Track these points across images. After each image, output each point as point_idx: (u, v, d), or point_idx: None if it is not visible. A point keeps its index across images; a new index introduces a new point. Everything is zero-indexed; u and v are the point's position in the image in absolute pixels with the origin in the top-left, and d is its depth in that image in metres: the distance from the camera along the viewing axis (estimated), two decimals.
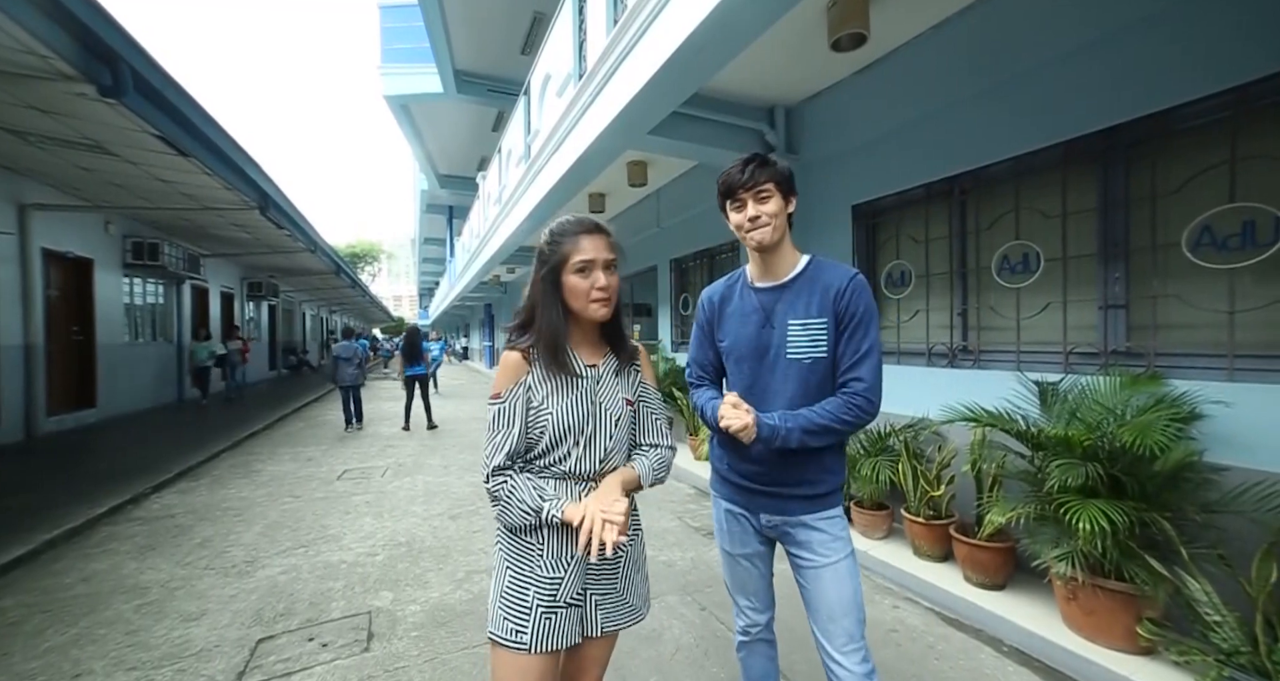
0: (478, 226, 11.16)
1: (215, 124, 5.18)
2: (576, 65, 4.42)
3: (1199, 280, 2.20)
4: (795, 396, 1.32)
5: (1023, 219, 2.81)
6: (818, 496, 1.35)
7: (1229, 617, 1.90)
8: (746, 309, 1.41)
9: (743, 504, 1.43)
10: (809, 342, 1.31)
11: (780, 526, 1.38)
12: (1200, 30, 2.13)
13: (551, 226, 1.18)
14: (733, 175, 1.33)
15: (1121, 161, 2.43)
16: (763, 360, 1.36)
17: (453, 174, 15.24)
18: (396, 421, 8.44)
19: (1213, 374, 2.15)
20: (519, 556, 1.15)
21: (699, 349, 1.54)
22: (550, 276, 1.14)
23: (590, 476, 1.17)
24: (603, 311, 1.13)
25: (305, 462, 5.81)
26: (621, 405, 1.20)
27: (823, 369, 1.31)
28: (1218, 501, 2.00)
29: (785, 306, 1.35)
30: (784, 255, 1.37)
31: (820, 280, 1.33)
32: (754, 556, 1.45)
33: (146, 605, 2.66)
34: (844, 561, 1.32)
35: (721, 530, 1.50)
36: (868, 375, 1.27)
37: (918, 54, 3.22)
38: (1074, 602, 2.16)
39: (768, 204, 1.31)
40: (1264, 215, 2.05)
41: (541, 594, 1.13)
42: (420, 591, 2.82)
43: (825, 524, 1.34)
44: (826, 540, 1.33)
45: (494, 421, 1.14)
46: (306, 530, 3.73)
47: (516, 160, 7.02)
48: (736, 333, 1.41)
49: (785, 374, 1.33)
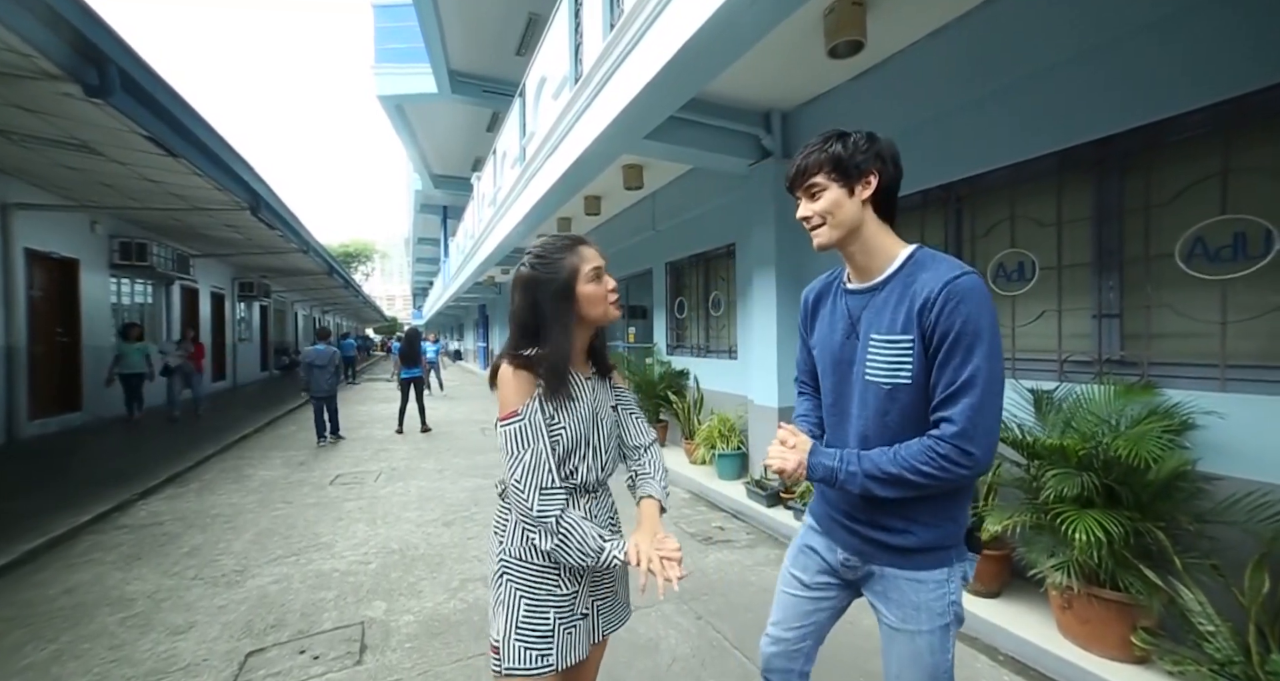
0: (472, 227, 11.10)
1: (205, 124, 5.10)
2: (573, 68, 4.40)
3: (1192, 290, 2.22)
4: (870, 427, 1.10)
5: (1018, 227, 2.82)
6: (902, 550, 1.11)
7: (1222, 627, 1.91)
8: (836, 314, 1.20)
9: (825, 529, 1.24)
10: (889, 364, 1.05)
11: (857, 569, 1.19)
12: (1194, 42, 2.15)
13: (534, 251, 1.16)
14: (788, 174, 1.17)
15: (1116, 171, 2.44)
16: (845, 377, 1.16)
17: (447, 174, 15.15)
18: (389, 424, 8.36)
19: (1205, 384, 2.16)
20: (536, 581, 1.14)
21: (800, 353, 1.38)
22: (563, 293, 1.12)
23: (594, 487, 1.19)
24: (616, 313, 1.16)
25: (297, 467, 5.74)
26: (609, 412, 1.24)
27: (906, 398, 1.05)
28: (1210, 511, 2.01)
29: (872, 315, 1.10)
30: (872, 251, 1.11)
31: (913, 285, 1.04)
32: (807, 586, 1.26)
33: (132, 617, 2.61)
34: (928, 635, 1.09)
35: (796, 547, 1.33)
36: (961, 416, 0.96)
37: (914, 61, 3.23)
38: (1069, 611, 2.17)
39: (819, 200, 1.10)
40: (1255, 227, 2.06)
41: (561, 611, 1.14)
42: (414, 601, 2.78)
43: (911, 586, 1.10)
44: (908, 605, 1.10)
45: (516, 441, 1.08)
46: (298, 538, 3.68)
47: (511, 162, 6.99)
48: (823, 341, 1.22)
49: (863, 397, 1.11)
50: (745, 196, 4.68)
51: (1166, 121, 2.24)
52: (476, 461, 6.04)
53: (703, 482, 4.75)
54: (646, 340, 7.36)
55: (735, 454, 4.83)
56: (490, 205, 8.65)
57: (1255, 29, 2.00)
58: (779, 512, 3.90)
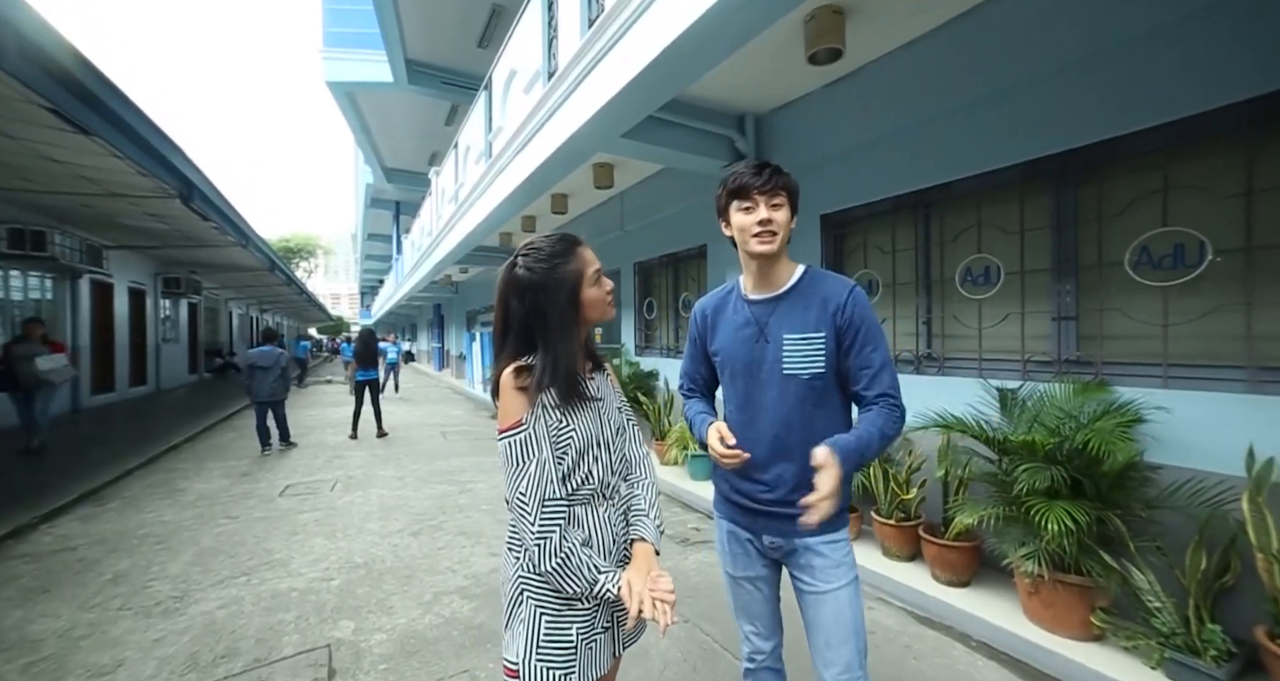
0: (430, 224, 10.69)
1: (126, 99, 4.45)
2: (546, 62, 4.30)
3: (1138, 295, 2.41)
4: (791, 414, 1.27)
5: (984, 233, 2.98)
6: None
7: (1167, 603, 2.09)
8: (739, 322, 1.36)
9: (745, 525, 1.37)
10: (806, 357, 1.26)
11: (783, 548, 1.33)
12: (1139, 69, 2.34)
13: (531, 253, 1.11)
14: (745, 176, 1.27)
15: (1073, 184, 2.62)
16: (756, 376, 1.31)
17: (401, 168, 14.53)
18: (341, 429, 7.92)
19: (1150, 381, 2.36)
20: (557, 596, 1.09)
21: (691, 362, 1.52)
22: (570, 298, 1.09)
23: (609, 492, 1.16)
24: (612, 311, 1.17)
25: (240, 478, 5.31)
26: (616, 413, 1.21)
27: (821, 385, 1.27)
28: (1157, 498, 2.19)
29: (780, 319, 1.30)
30: (781, 266, 1.33)
31: (818, 292, 1.29)
32: (758, 580, 1.40)
33: (39, 663, 2.25)
34: (845, 588, 1.27)
35: (724, 552, 1.45)
36: (893, 387, 1.23)
37: (887, 71, 3.36)
38: (1036, 596, 2.30)
39: (779, 211, 1.26)
40: (1191, 239, 2.27)
41: (582, 625, 1.09)
42: (385, 618, 2.63)
43: (829, 548, 1.28)
44: (829, 565, 1.28)
45: (519, 453, 1.04)
46: (247, 555, 3.39)
47: (476, 157, 6.76)
48: (729, 347, 1.37)
49: (782, 390, 1.28)
50: None
51: (1117, 139, 2.42)
52: (439, 467, 5.80)
53: (675, 484, 4.75)
54: (614, 341, 7.31)
55: (707, 454, 4.85)
56: (451, 202, 8.35)
57: (1192, 59, 2.20)
58: None
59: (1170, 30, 2.25)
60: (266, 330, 6.85)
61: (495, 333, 1.15)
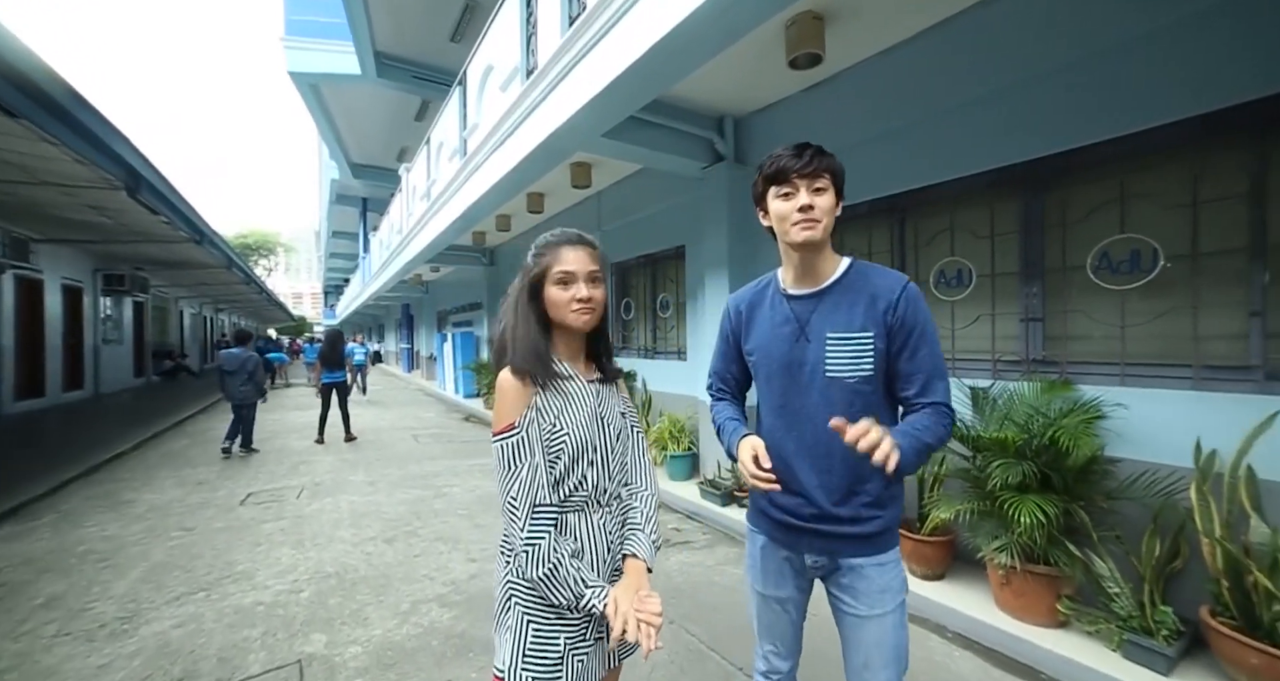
0: (400, 222, 10.40)
1: (59, 80, 4.04)
2: (524, 59, 4.24)
3: (1099, 298, 2.54)
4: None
5: (957, 237, 3.09)
6: (869, 536, 1.17)
7: (1125, 589, 2.21)
8: (778, 319, 1.24)
9: (785, 542, 1.26)
10: (852, 359, 1.15)
11: (826, 567, 1.23)
12: (1098, 84, 2.47)
13: (537, 241, 1.15)
14: (784, 159, 1.15)
15: (1039, 191, 2.75)
16: (795, 378, 1.20)
17: (368, 164, 14.09)
18: (306, 434, 7.62)
19: (1109, 380, 2.49)
20: (545, 603, 1.07)
21: (721, 361, 1.41)
22: (530, 290, 1.11)
23: (605, 500, 1.13)
24: (583, 319, 1.10)
25: (195, 487, 5.03)
26: (619, 418, 1.19)
27: (869, 390, 1.16)
28: (1116, 490, 2.31)
29: (823, 317, 1.18)
30: (824, 259, 1.21)
31: (866, 288, 1.17)
32: (788, 601, 1.30)
33: None
34: (892, 614, 1.17)
35: (755, 568, 1.34)
36: (944, 394, 1.14)
37: (864, 77, 3.44)
38: (1007, 587, 2.40)
39: (822, 196, 1.14)
40: (1145, 245, 2.41)
41: (571, 635, 1.07)
42: (360, 630, 2.53)
43: (876, 571, 1.17)
44: (874, 590, 1.17)
45: (510, 456, 1.03)
46: (205, 569, 3.21)
47: (450, 154, 6.61)
48: (766, 346, 1.26)
49: (824, 393, 1.17)
50: (697, 199, 4.75)
51: (1078, 150, 2.55)
52: (411, 471, 5.64)
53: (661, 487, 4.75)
54: None
55: (686, 455, 4.89)
56: (423, 199, 8.14)
57: (1143, 78, 2.34)
58: (734, 511, 3.99)
59: (1124, 49, 2.38)
60: (239, 331, 6.53)
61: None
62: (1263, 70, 2.06)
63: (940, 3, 2.84)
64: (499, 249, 10.57)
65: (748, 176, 4.38)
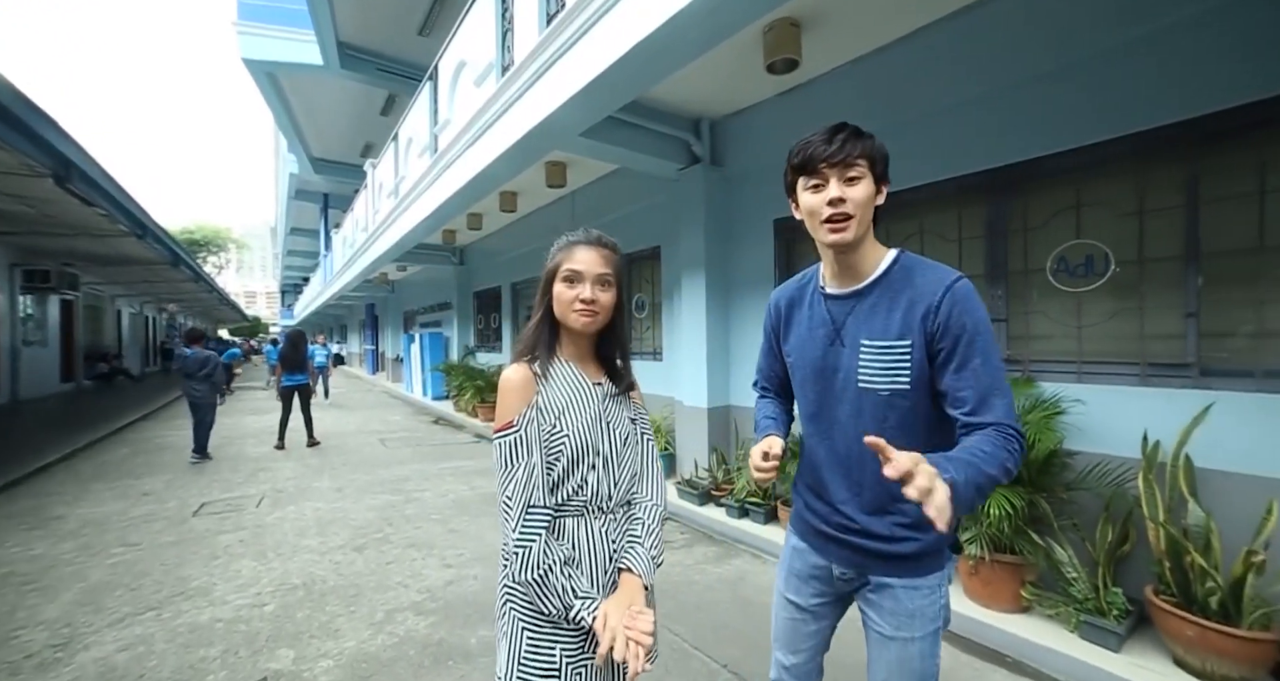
0: (365, 219, 10.06)
1: None
2: (500, 56, 4.17)
3: (1058, 300, 2.70)
4: (865, 434, 1.00)
5: (926, 241, 3.21)
6: (904, 557, 1.07)
7: (1081, 573, 2.35)
8: (815, 321, 1.14)
9: (817, 547, 1.18)
10: (885, 370, 1.02)
11: (855, 582, 1.15)
12: (1055, 98, 2.62)
13: (560, 238, 1.16)
14: (814, 145, 1.02)
15: (1003, 197, 2.89)
16: (829, 385, 1.11)
17: (331, 158, 13.55)
18: (265, 439, 7.28)
19: (1067, 377, 2.64)
20: (542, 611, 1.04)
21: (765, 359, 1.33)
22: (545, 286, 1.12)
23: (609, 507, 1.10)
24: (582, 320, 1.07)
25: (140, 499, 4.67)
26: (626, 423, 1.16)
27: (905, 404, 1.03)
28: (1074, 481, 2.45)
29: (859, 320, 1.06)
30: (864, 254, 1.07)
31: (907, 289, 1.02)
32: (807, 609, 1.21)
33: None
34: (920, 641, 1.06)
35: (784, 570, 1.26)
36: (1006, 409, 0.94)
37: (837, 84, 3.54)
38: (975, 576, 2.51)
39: (856, 187, 1.00)
40: (1098, 250, 2.57)
41: (569, 648, 1.03)
42: (331, 642, 2.43)
43: (908, 594, 1.07)
44: (902, 612, 1.07)
45: (509, 455, 1.01)
46: (154, 587, 2.98)
47: (420, 151, 6.44)
48: (801, 349, 1.16)
49: (856, 405, 1.07)
50: (673, 200, 4.78)
51: (1040, 159, 2.70)
52: (380, 476, 5.46)
53: None
54: None
55: (662, 454, 4.91)
56: (390, 196, 7.90)
57: (1094, 94, 2.50)
58: (711, 510, 4.03)
59: (1077, 68, 2.54)
60: (191, 331, 6.16)
61: None
62: (1191, 95, 2.25)
63: (910, 15, 2.95)
64: (470, 248, 10.36)
65: (724, 178, 4.48)
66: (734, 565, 3.30)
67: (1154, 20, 2.32)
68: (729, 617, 2.65)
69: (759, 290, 4.21)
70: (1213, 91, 2.20)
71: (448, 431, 8.28)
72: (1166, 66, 2.31)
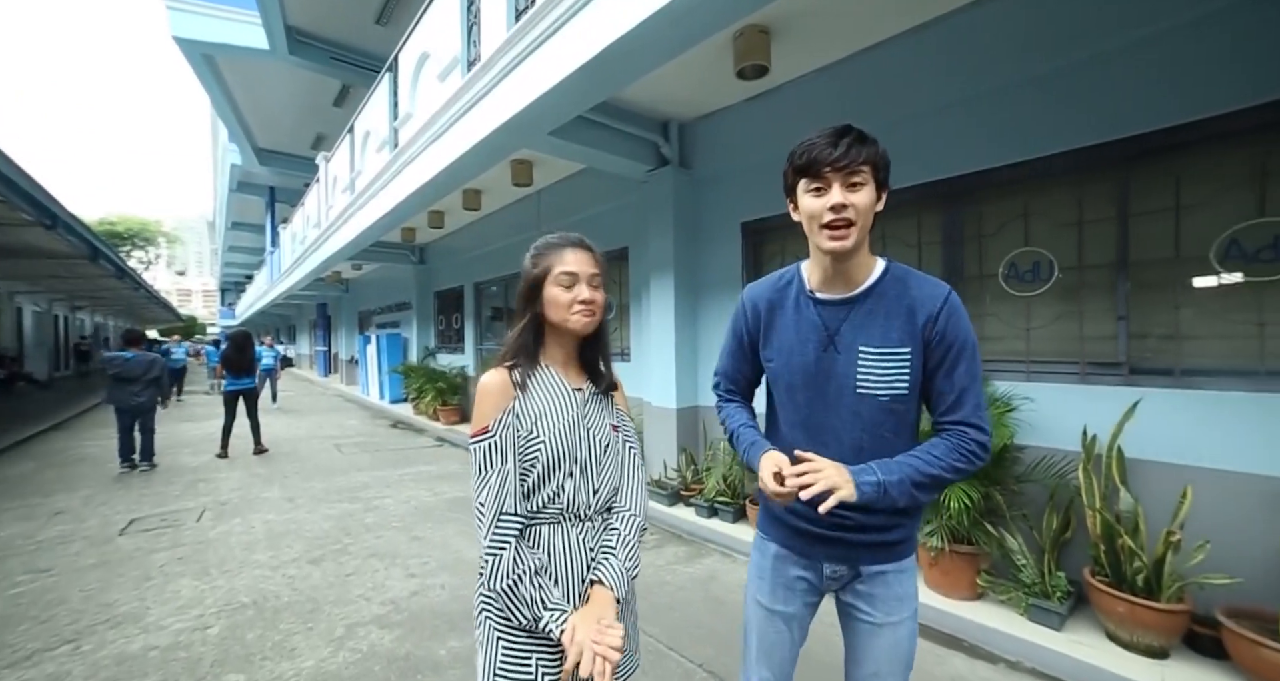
0: (317, 215, 9.56)
1: None
2: (465, 50, 4.05)
3: (1009, 303, 2.87)
4: (864, 441, 1.08)
5: (889, 245, 3.35)
6: (889, 544, 1.12)
7: (1030, 560, 2.50)
8: (804, 325, 1.12)
9: (802, 550, 1.18)
10: (886, 376, 1.05)
11: (845, 578, 1.17)
12: (1005, 112, 2.78)
13: (536, 243, 1.14)
14: (818, 147, 1.00)
15: (958, 205, 3.04)
16: (822, 392, 1.10)
17: (277, 149, 12.79)
18: (204, 448, 6.81)
19: (1017, 376, 2.81)
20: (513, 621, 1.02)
21: (733, 361, 1.28)
22: (530, 292, 1.10)
23: (586, 515, 1.09)
24: (584, 320, 1.07)
25: (50, 520, 4.18)
26: (608, 430, 1.14)
27: (902, 409, 1.07)
28: (1024, 474, 2.61)
29: (855, 328, 1.07)
30: (860, 261, 1.08)
31: (904, 298, 1.06)
32: (793, 619, 1.21)
33: None
34: (907, 622, 1.14)
35: (763, 579, 1.23)
36: (974, 415, 1.03)
37: (804, 91, 3.63)
38: (935, 567, 2.63)
39: (859, 193, 1.00)
40: (1044, 257, 2.75)
41: (545, 658, 1.01)
42: (286, 663, 2.30)
43: (897, 578, 1.13)
44: (893, 596, 1.13)
45: (481, 461, 1.01)
46: (70, 617, 2.68)
47: (378, 145, 6.18)
48: (789, 354, 1.14)
49: (854, 411, 1.08)
50: (641, 201, 4.78)
51: (990, 170, 2.86)
52: (337, 484, 5.21)
53: None
54: None
55: None
56: (345, 191, 7.55)
57: (1038, 111, 2.67)
58: (681, 510, 4.06)
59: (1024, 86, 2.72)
60: (129, 332, 5.69)
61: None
62: (1120, 118, 2.45)
63: (874, 28, 3.07)
64: (431, 246, 10.03)
65: (692, 181, 4.52)
66: (705, 564, 3.34)
67: (1087, 48, 2.51)
68: (702, 616, 2.67)
69: (727, 292, 4.27)
70: (1137, 115, 2.41)
71: (408, 435, 7.99)
72: (1099, 90, 2.51)
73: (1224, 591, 2.09)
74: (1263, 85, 2.12)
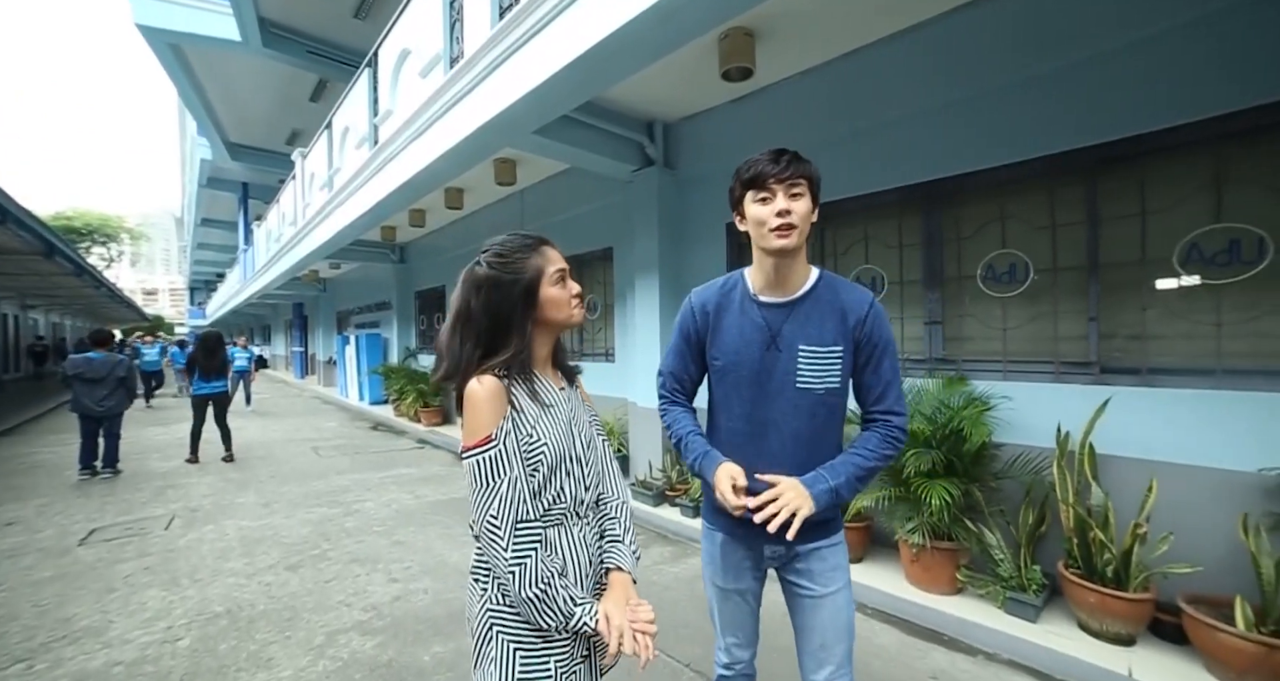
0: (293, 213, 9.33)
1: None
2: (448, 47, 3.99)
3: (987, 304, 2.94)
4: (802, 429, 1.21)
5: (871, 247, 3.40)
6: (825, 522, 1.25)
7: (1007, 554, 2.57)
8: (749, 326, 1.24)
9: (743, 536, 1.29)
10: (821, 371, 1.19)
11: (784, 556, 1.29)
12: (985, 117, 2.85)
13: (494, 250, 1.08)
14: (761, 164, 1.17)
15: (938, 208, 3.11)
16: (765, 387, 1.22)
17: (251, 145, 12.44)
18: (171, 453, 6.57)
19: (994, 375, 2.88)
20: (532, 628, 1.01)
21: (679, 361, 1.36)
22: (525, 296, 1.05)
23: (583, 511, 1.10)
24: (582, 312, 1.12)
25: (1, 530, 3.92)
26: (588, 425, 1.16)
27: (834, 400, 1.22)
28: (1002, 470, 2.68)
29: (795, 328, 1.21)
30: (798, 267, 1.22)
31: (836, 302, 1.21)
32: (747, 592, 1.35)
33: None
34: (844, 590, 1.26)
35: (715, 563, 1.37)
36: (898, 404, 1.21)
37: (789, 94, 3.67)
38: (916, 563, 2.68)
39: (799, 202, 1.16)
40: (1020, 259, 2.82)
41: (561, 657, 1.02)
42: (262, 674, 2.23)
43: (830, 551, 1.26)
44: (827, 569, 1.25)
45: (489, 472, 0.96)
46: (23, 634, 2.52)
47: (357, 142, 6.05)
48: (735, 353, 1.25)
49: (794, 404, 1.20)
50: (626, 201, 4.78)
51: (968, 174, 2.93)
52: (315, 488, 5.08)
53: None
54: None
55: (617, 455, 4.89)
56: (323, 189, 7.38)
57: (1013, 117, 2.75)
58: (666, 510, 4.07)
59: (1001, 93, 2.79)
60: (96, 332, 5.47)
61: (448, 337, 1.05)
62: (1090, 125, 2.54)
63: (857, 33, 3.12)
64: (412, 245, 9.86)
65: (677, 181, 4.53)
66: (690, 564, 3.35)
67: (1061, 56, 2.59)
68: (688, 616, 2.67)
69: None
70: (1106, 122, 2.49)
71: (388, 437, 7.84)
72: (1071, 97, 2.59)
73: (1185, 579, 2.18)
74: (1220, 98, 2.22)
